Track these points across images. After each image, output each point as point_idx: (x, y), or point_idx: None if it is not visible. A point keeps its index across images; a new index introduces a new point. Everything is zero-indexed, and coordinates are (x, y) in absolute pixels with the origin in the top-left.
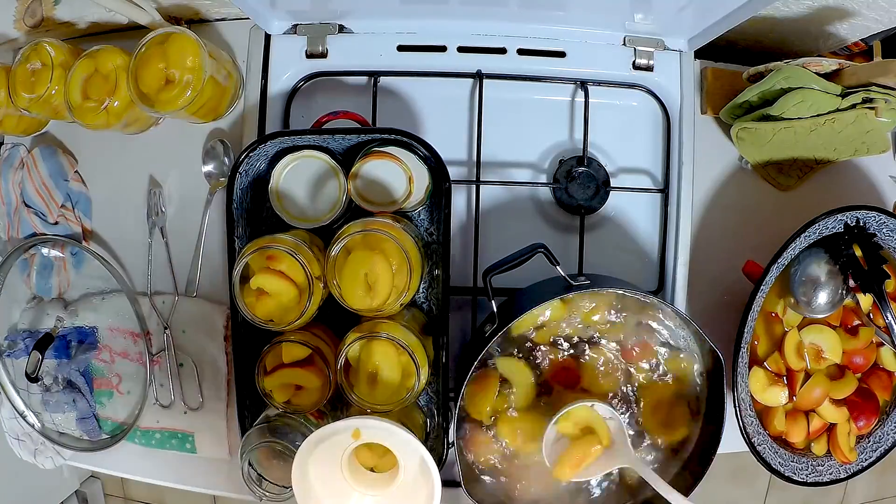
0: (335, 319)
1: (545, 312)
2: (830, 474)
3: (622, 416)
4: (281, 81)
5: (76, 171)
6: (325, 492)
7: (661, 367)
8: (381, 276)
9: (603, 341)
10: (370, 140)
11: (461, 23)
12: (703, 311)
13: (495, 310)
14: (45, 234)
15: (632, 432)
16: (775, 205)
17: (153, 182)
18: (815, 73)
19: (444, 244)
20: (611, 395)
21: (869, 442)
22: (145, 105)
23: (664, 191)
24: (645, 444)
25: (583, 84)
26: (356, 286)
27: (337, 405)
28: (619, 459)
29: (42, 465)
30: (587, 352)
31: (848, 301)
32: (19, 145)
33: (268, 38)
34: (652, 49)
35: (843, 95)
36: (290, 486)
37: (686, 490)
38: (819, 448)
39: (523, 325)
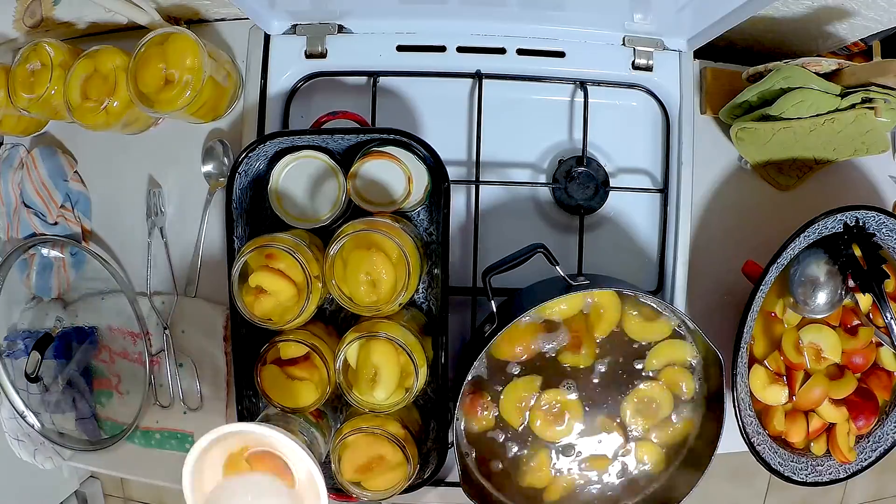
0: (334, 319)
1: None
2: (830, 474)
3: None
4: (280, 81)
5: (76, 172)
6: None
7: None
8: (380, 275)
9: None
10: (369, 140)
11: (460, 23)
12: (703, 311)
13: (495, 310)
14: (45, 235)
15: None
16: (775, 205)
17: (153, 182)
18: (815, 73)
19: (444, 244)
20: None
21: (868, 442)
22: (145, 105)
23: (664, 191)
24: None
25: (582, 84)
26: (355, 286)
27: (335, 405)
28: None
29: (42, 465)
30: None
31: (847, 301)
32: (19, 145)
33: (267, 38)
34: (651, 49)
35: (843, 95)
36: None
37: (686, 489)
38: (818, 448)
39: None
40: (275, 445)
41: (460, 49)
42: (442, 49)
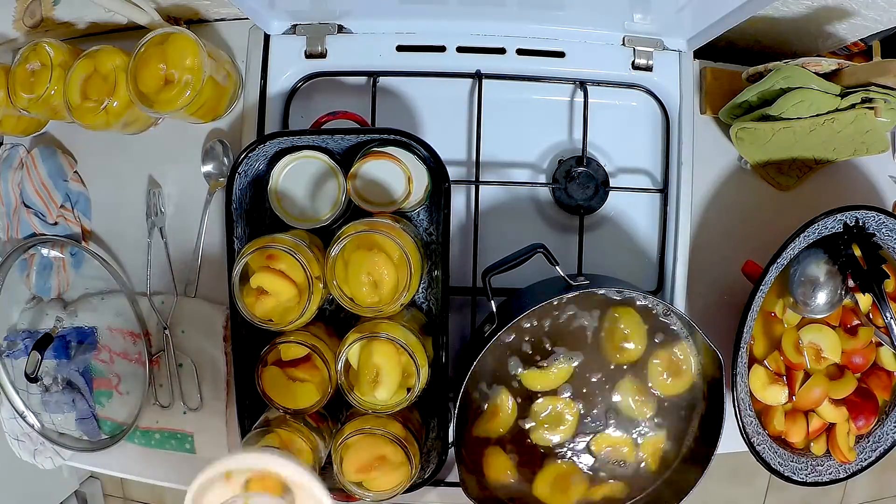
0: (335, 320)
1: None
2: (830, 474)
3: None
4: (280, 81)
5: (75, 172)
6: None
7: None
8: (381, 276)
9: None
10: (369, 140)
11: (460, 23)
12: (703, 311)
13: (494, 310)
14: (45, 235)
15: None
16: (775, 205)
17: (153, 182)
18: (815, 72)
19: (444, 244)
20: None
21: (868, 442)
22: (144, 105)
23: (663, 191)
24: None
25: (582, 84)
26: (357, 287)
27: (336, 406)
28: None
29: (42, 465)
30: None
31: (847, 301)
32: (19, 145)
33: (267, 38)
34: (651, 49)
35: (843, 95)
36: None
37: (685, 489)
38: (818, 448)
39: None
40: (277, 470)
41: (460, 49)
42: (442, 49)
